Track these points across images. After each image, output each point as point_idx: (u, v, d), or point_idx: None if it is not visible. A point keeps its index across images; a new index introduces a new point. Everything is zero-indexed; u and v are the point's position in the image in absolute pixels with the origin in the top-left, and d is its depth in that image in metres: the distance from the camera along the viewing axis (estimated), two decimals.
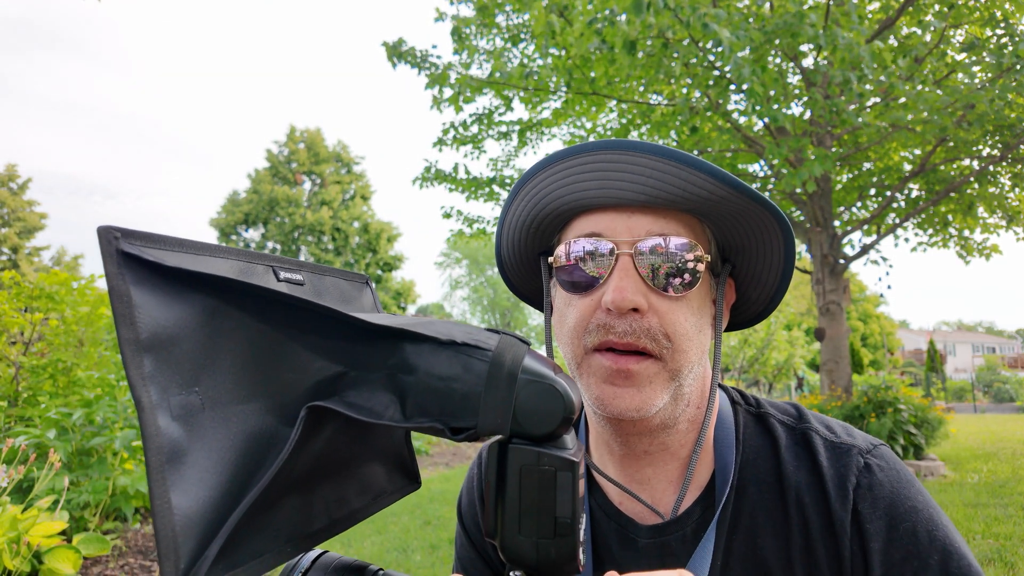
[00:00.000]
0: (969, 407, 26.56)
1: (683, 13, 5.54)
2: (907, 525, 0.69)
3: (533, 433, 0.44)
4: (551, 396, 0.45)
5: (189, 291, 0.40)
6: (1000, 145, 8.26)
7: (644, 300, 0.69)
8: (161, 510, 0.35)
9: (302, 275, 0.50)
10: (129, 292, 0.36)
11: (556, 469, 0.44)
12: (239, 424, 0.41)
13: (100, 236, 0.36)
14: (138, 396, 0.35)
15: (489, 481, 0.46)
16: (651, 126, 8.79)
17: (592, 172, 0.72)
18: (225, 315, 0.41)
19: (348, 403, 0.45)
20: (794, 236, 0.76)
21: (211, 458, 0.39)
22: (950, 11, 7.60)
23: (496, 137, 10.27)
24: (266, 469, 0.42)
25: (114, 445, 4.45)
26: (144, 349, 0.36)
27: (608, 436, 0.80)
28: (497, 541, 0.46)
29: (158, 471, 0.35)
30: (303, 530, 0.47)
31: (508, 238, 0.86)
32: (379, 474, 0.58)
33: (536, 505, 0.44)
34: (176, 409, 0.37)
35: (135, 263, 0.37)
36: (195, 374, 0.39)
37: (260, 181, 33.68)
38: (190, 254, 0.40)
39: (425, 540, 5.15)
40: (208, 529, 0.38)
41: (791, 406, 0.84)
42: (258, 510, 0.41)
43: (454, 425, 0.44)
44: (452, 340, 0.46)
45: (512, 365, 0.45)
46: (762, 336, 21.38)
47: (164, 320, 0.37)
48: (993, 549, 4.46)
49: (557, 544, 0.44)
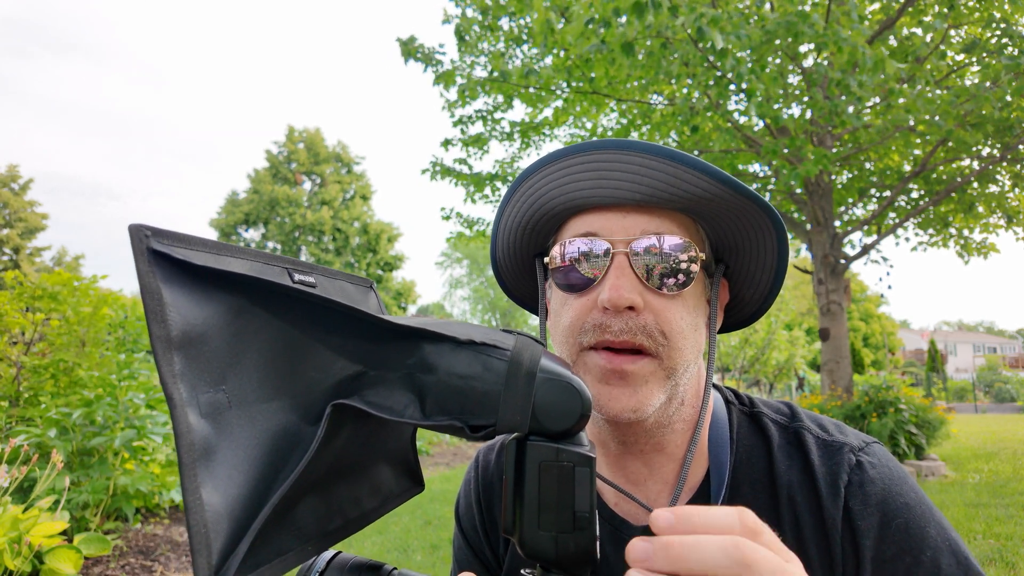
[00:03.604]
0: (970, 407, 26.59)
1: (681, 12, 5.54)
2: (899, 522, 0.68)
3: (551, 430, 0.45)
4: (569, 394, 0.45)
5: (216, 290, 0.40)
6: (1000, 145, 8.27)
7: (640, 298, 0.69)
8: (193, 506, 0.35)
9: (314, 277, 0.51)
10: (160, 290, 0.36)
11: (574, 464, 0.45)
12: (264, 422, 0.42)
13: (132, 234, 0.36)
14: (169, 393, 0.36)
15: (508, 477, 0.47)
16: (651, 126, 8.80)
17: (586, 172, 0.72)
18: (251, 314, 0.42)
19: (369, 401, 0.46)
20: (787, 235, 0.76)
21: (238, 456, 0.39)
22: (950, 11, 7.61)
23: (500, 138, 10.29)
24: (291, 467, 0.42)
25: (115, 445, 4.45)
26: (175, 346, 0.36)
27: (604, 436, 0.80)
28: (516, 537, 0.46)
29: (190, 467, 0.36)
30: (322, 529, 0.48)
31: (504, 240, 0.86)
32: (388, 476, 0.58)
33: (555, 500, 0.45)
34: (205, 407, 0.38)
35: (165, 261, 0.37)
36: (222, 372, 0.39)
37: (260, 181, 33.70)
38: (214, 254, 0.41)
39: (426, 540, 5.16)
40: (237, 526, 0.38)
41: (784, 405, 0.85)
42: (283, 508, 0.42)
43: (473, 423, 0.45)
44: (471, 340, 0.46)
45: (531, 364, 0.46)
46: (763, 336, 21.40)
47: (193, 318, 0.38)
48: (994, 549, 4.47)
49: (576, 538, 0.45)
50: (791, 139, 6.44)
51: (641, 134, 9.16)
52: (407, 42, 8.46)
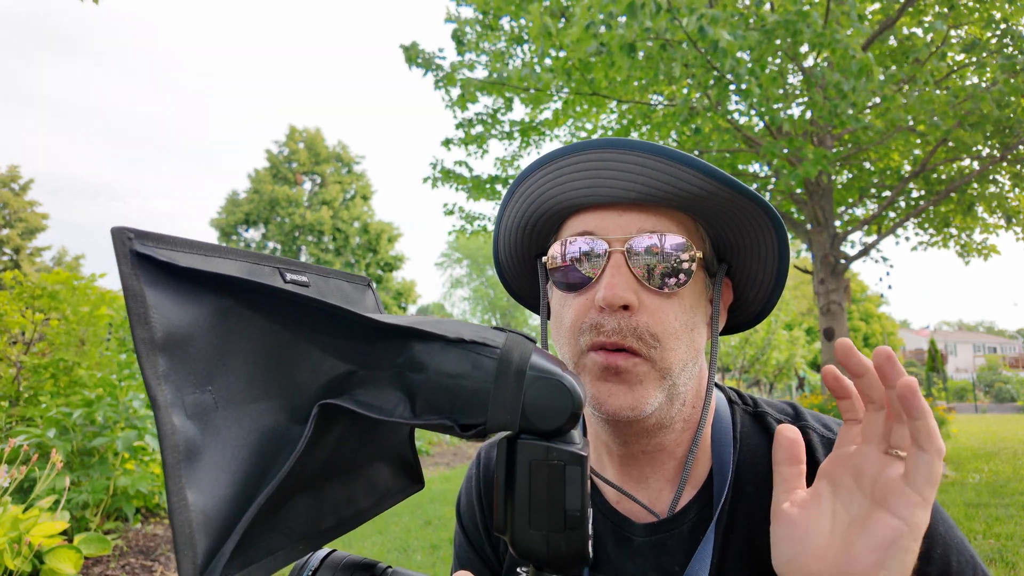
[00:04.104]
0: (970, 407, 26.57)
1: (680, 15, 5.54)
2: None
3: (542, 428, 0.45)
4: (559, 392, 0.45)
5: (202, 291, 0.40)
6: (1000, 145, 8.26)
7: (635, 297, 0.69)
8: (178, 507, 0.35)
9: (307, 277, 0.51)
10: (143, 292, 0.36)
11: (565, 463, 0.44)
12: (252, 423, 0.42)
13: (114, 237, 0.36)
14: (153, 395, 0.36)
15: (498, 476, 0.47)
16: (651, 127, 8.80)
17: (584, 171, 0.72)
18: (237, 315, 0.42)
19: (358, 401, 0.45)
20: (787, 234, 0.76)
21: (225, 456, 0.39)
22: (950, 12, 7.60)
23: (500, 137, 10.29)
24: (279, 467, 0.42)
25: (115, 445, 4.46)
26: (159, 348, 0.36)
27: (606, 437, 0.80)
28: (507, 536, 0.46)
29: (174, 468, 0.36)
30: (314, 528, 0.47)
31: (505, 241, 0.86)
32: (385, 474, 0.58)
33: (546, 499, 0.44)
34: (190, 408, 0.38)
35: (148, 263, 0.37)
36: (208, 373, 0.39)
37: (260, 181, 33.68)
38: (201, 255, 0.41)
39: (426, 540, 5.16)
40: (224, 526, 0.38)
41: (788, 405, 0.84)
42: (271, 508, 0.42)
43: (463, 422, 0.45)
44: (460, 338, 0.46)
45: (520, 362, 0.45)
46: (763, 336, 21.37)
47: (178, 320, 0.38)
48: (994, 549, 4.46)
49: (567, 537, 0.44)
50: (791, 140, 6.43)
51: (641, 134, 9.16)
52: (410, 48, 8.47)
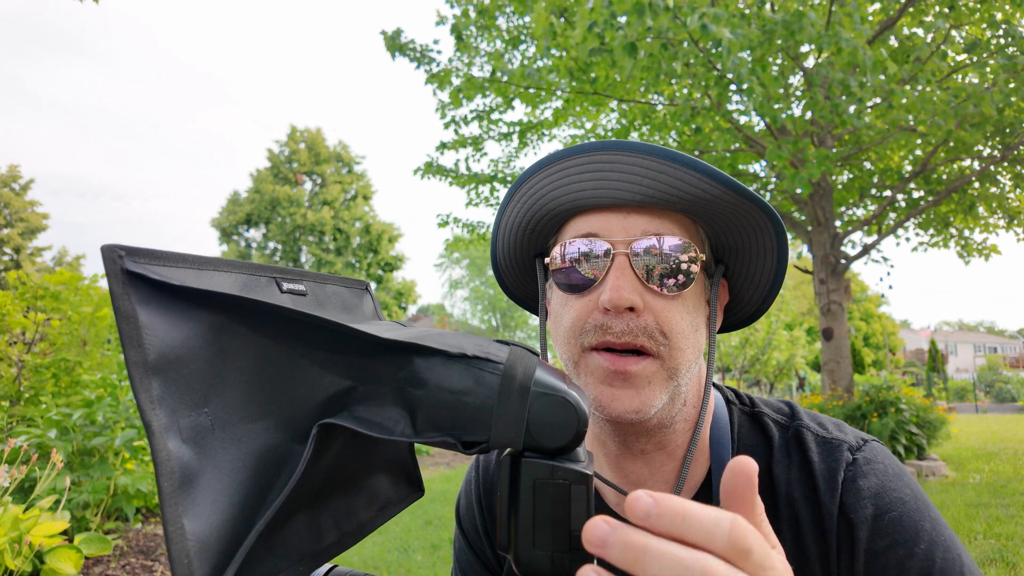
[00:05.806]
0: (971, 407, 26.54)
1: (682, 14, 5.53)
2: (893, 515, 0.68)
3: (546, 447, 0.44)
4: (564, 409, 0.44)
5: (195, 309, 0.38)
6: (1000, 145, 8.25)
7: (640, 299, 0.69)
8: (175, 536, 0.34)
9: (304, 285, 0.50)
10: (135, 313, 0.35)
11: (571, 482, 0.43)
12: (250, 443, 0.41)
13: (104, 256, 0.35)
14: (148, 420, 0.34)
15: (502, 495, 0.46)
16: (652, 126, 8.79)
17: (587, 173, 0.72)
18: (232, 332, 0.40)
19: (358, 418, 0.44)
20: (787, 236, 0.76)
21: (223, 480, 0.38)
22: (951, 12, 7.59)
23: (497, 138, 10.26)
24: (278, 488, 0.41)
25: (115, 445, 4.45)
26: (153, 371, 0.35)
27: (605, 435, 0.80)
28: (511, 555, 0.45)
29: (171, 496, 0.34)
30: (315, 547, 0.46)
31: (504, 241, 0.86)
32: (385, 485, 0.57)
33: (551, 519, 0.43)
34: (186, 431, 0.36)
35: (140, 282, 0.36)
36: (204, 394, 0.38)
37: (261, 181, 33.68)
38: (193, 270, 0.39)
39: (426, 540, 5.15)
40: (222, 552, 0.37)
41: (784, 404, 0.85)
42: (271, 530, 0.41)
43: (466, 439, 0.44)
44: (463, 353, 0.45)
45: (524, 378, 0.44)
46: (763, 336, 21.35)
47: (172, 340, 0.36)
48: (995, 549, 4.46)
49: (573, 557, 0.43)
50: (794, 141, 6.43)
51: (641, 134, 9.14)
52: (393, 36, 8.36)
